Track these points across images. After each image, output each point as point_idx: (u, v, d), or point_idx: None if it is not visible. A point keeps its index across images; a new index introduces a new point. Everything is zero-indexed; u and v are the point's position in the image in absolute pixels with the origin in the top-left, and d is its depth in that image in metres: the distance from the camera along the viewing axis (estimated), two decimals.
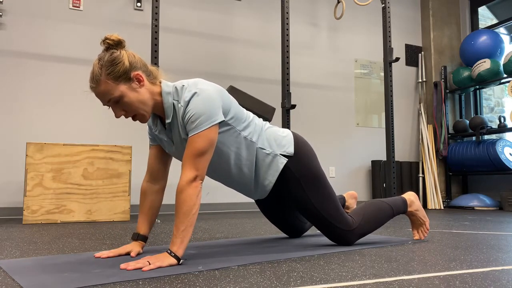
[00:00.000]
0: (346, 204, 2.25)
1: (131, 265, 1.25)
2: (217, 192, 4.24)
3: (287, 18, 3.59)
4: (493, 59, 4.81)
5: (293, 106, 3.51)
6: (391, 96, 3.86)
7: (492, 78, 4.79)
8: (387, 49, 3.85)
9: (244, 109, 1.60)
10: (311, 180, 1.64)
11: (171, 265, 1.29)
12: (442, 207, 4.93)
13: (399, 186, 4.96)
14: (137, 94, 1.38)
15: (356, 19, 5.18)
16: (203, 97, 1.38)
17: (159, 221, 3.06)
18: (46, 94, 3.68)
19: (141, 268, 1.24)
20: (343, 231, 1.68)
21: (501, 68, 4.73)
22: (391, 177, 3.82)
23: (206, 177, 4.22)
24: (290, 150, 1.63)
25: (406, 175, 5.03)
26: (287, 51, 3.57)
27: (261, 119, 1.69)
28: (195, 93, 1.39)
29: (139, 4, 4.09)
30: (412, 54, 5.48)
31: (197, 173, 1.36)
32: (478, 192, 5.09)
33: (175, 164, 4.10)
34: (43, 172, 2.92)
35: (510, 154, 4.67)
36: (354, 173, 4.97)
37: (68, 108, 3.75)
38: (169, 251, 1.32)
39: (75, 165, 3.02)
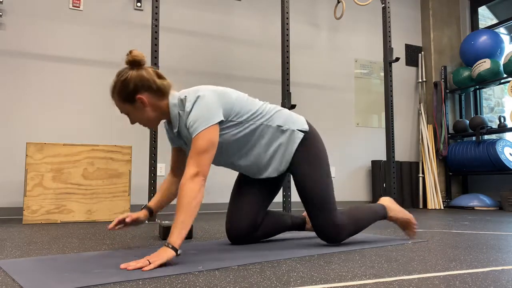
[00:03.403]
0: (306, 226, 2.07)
1: (131, 265, 1.25)
2: (217, 192, 4.24)
3: (287, 18, 3.59)
4: (493, 59, 4.81)
5: (293, 106, 3.51)
6: (391, 96, 3.86)
7: (492, 78, 4.79)
8: (387, 49, 3.85)
9: (252, 99, 1.70)
10: (318, 159, 1.73)
11: (169, 259, 1.30)
12: (442, 207, 4.93)
13: (399, 186, 4.96)
14: (141, 112, 1.55)
15: (356, 19, 5.18)
16: (200, 103, 1.51)
17: (159, 221, 3.06)
18: (46, 94, 3.69)
19: (141, 268, 1.24)
20: (333, 217, 1.69)
21: (501, 68, 4.73)
22: (391, 177, 3.82)
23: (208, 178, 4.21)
24: (306, 127, 1.76)
25: (406, 175, 5.03)
26: (287, 51, 3.57)
27: (273, 105, 1.77)
28: (194, 102, 1.51)
29: (139, 4, 4.09)
30: (412, 54, 5.48)
31: (199, 170, 1.43)
32: (478, 192, 5.09)
33: None
34: (43, 172, 2.92)
35: (510, 154, 4.67)
36: (354, 173, 4.97)
37: (68, 108, 3.75)
38: (167, 244, 1.34)
39: (75, 165, 3.02)
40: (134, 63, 1.51)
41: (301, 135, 1.72)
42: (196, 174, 1.42)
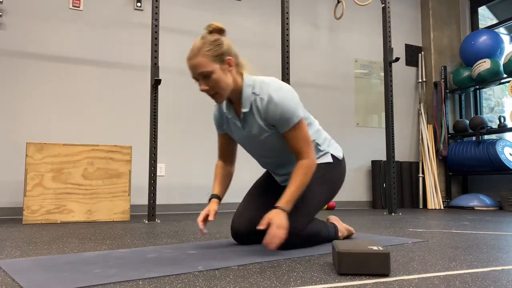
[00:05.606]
0: None
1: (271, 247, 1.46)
2: None
3: (287, 18, 3.59)
4: (493, 59, 4.81)
5: None
6: (391, 96, 3.86)
7: (492, 78, 4.79)
8: (387, 49, 3.86)
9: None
10: (330, 183, 1.75)
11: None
12: (442, 207, 4.93)
13: (399, 186, 4.96)
14: (224, 75, 1.53)
15: (356, 19, 5.18)
16: (287, 95, 1.55)
17: (159, 221, 3.06)
18: (46, 94, 3.69)
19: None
20: (300, 224, 1.62)
21: (501, 68, 4.74)
22: (391, 177, 3.82)
23: (205, 178, 4.21)
24: (340, 155, 1.81)
25: (406, 175, 5.03)
26: (287, 51, 3.57)
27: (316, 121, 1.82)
28: (279, 89, 1.55)
29: (139, 4, 4.09)
30: (412, 54, 5.48)
31: (312, 159, 1.59)
32: (478, 192, 5.09)
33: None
34: (43, 172, 2.92)
35: (510, 154, 4.67)
36: (354, 173, 4.97)
37: (68, 108, 3.75)
38: (281, 208, 1.50)
39: (75, 165, 3.02)
40: (220, 30, 1.55)
41: (331, 160, 1.76)
42: (312, 163, 1.57)
